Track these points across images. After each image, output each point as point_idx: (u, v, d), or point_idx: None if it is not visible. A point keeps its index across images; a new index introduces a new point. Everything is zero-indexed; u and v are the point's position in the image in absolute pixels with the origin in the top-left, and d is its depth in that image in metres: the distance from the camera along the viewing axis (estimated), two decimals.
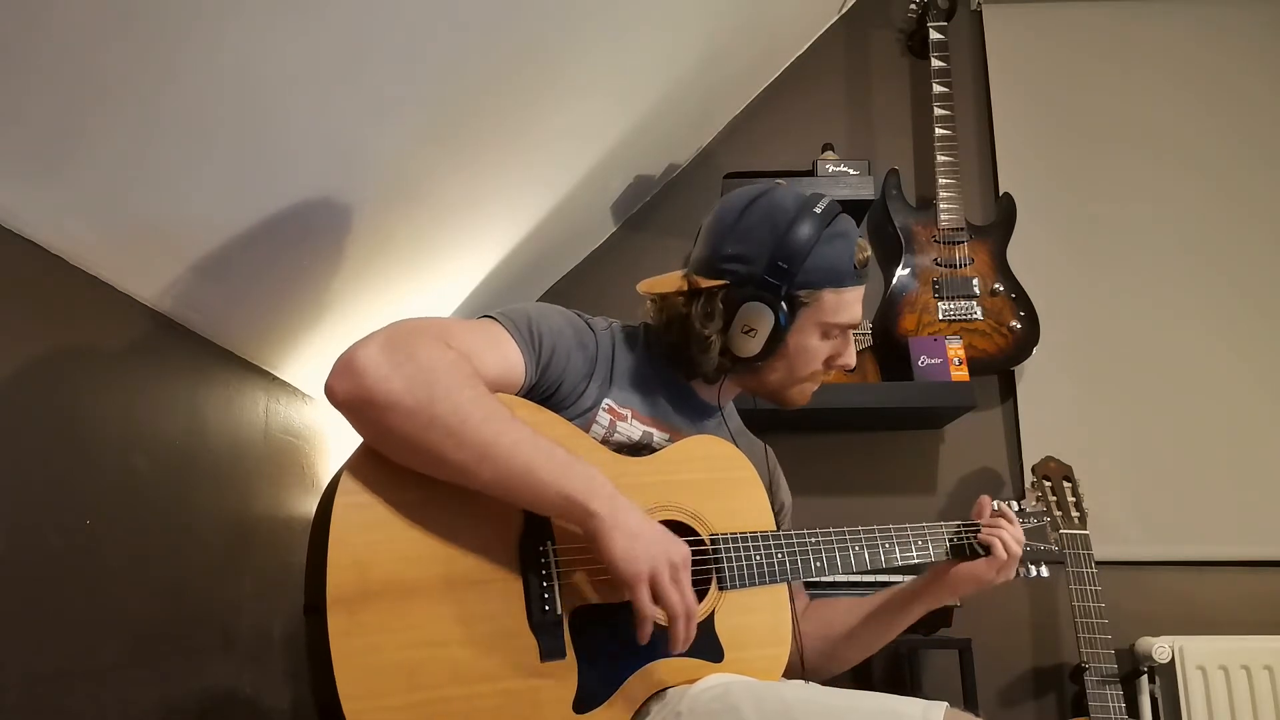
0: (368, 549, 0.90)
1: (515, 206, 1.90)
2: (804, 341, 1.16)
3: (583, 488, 0.93)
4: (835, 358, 1.20)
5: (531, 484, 0.93)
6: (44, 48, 0.90)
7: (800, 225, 1.11)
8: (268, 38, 1.06)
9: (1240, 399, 2.24)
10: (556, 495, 0.93)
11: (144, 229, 1.19)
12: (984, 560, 1.20)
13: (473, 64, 1.40)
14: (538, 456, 0.93)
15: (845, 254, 1.13)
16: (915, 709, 0.91)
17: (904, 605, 1.26)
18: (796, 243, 1.10)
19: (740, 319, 1.12)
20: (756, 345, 1.13)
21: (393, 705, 0.87)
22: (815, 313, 1.14)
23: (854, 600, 1.31)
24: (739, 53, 2.16)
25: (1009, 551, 1.19)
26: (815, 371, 1.20)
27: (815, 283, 1.12)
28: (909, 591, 1.26)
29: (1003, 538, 1.20)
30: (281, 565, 1.66)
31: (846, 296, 1.15)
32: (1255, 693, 1.95)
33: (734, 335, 1.13)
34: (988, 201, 2.39)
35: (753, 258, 1.12)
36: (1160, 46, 2.46)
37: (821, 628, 1.29)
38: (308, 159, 1.30)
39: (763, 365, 1.17)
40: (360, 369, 0.90)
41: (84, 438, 1.18)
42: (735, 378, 1.23)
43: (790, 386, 1.21)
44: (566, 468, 0.94)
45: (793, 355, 1.17)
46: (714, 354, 1.15)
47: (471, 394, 0.93)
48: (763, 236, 1.12)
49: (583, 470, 0.95)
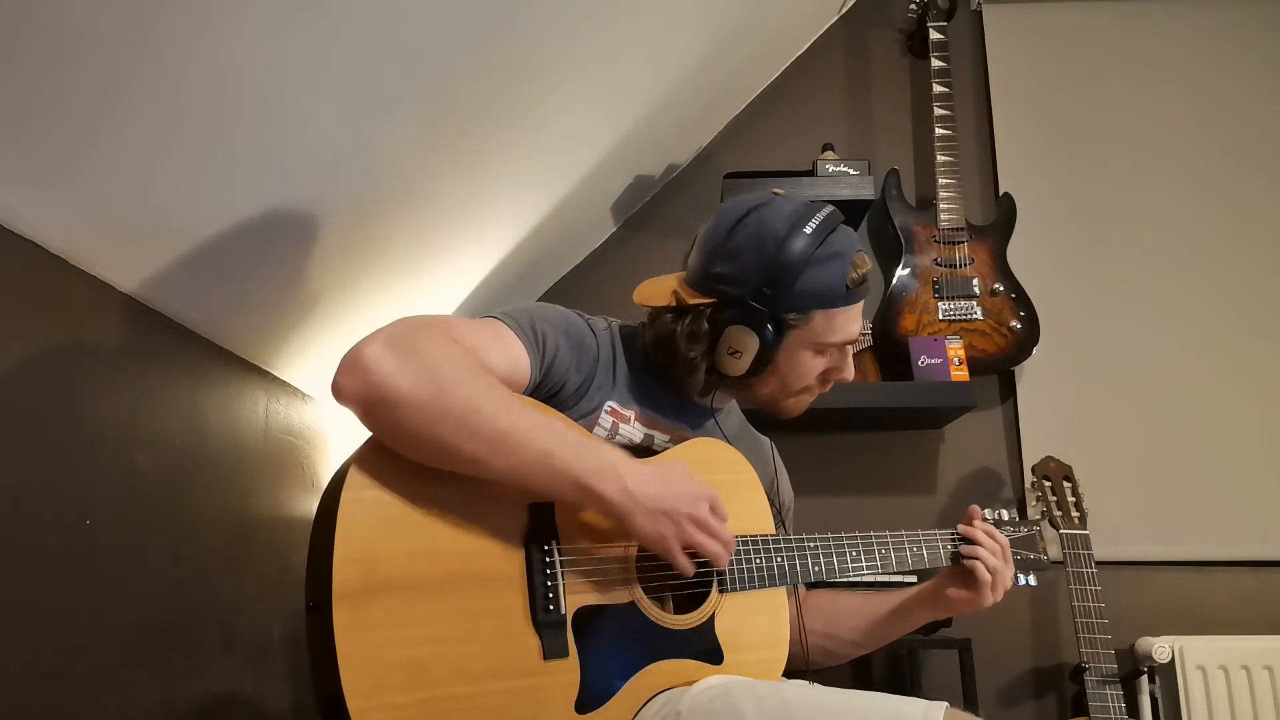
0: (374, 545, 0.90)
1: (515, 206, 1.90)
2: (795, 358, 1.15)
3: (594, 468, 0.94)
4: (832, 372, 1.19)
5: (545, 472, 0.94)
6: (46, 48, 0.90)
7: (789, 247, 1.08)
8: (269, 40, 1.06)
9: (1240, 399, 2.24)
10: (571, 483, 0.94)
11: (144, 229, 1.19)
12: (972, 589, 1.22)
13: (473, 66, 1.40)
14: (551, 443, 0.94)
15: (836, 275, 1.10)
16: (915, 709, 0.92)
17: (904, 616, 1.27)
18: (784, 266, 1.08)
19: (725, 341, 1.12)
20: (742, 367, 1.13)
21: (396, 703, 0.87)
22: (806, 334, 1.13)
23: (855, 602, 1.31)
24: (739, 53, 2.16)
25: (986, 573, 1.20)
26: (810, 385, 1.20)
27: (803, 306, 1.11)
28: (908, 604, 1.27)
29: (981, 556, 1.21)
30: (281, 565, 1.66)
31: (838, 318, 1.13)
32: (1255, 693, 1.95)
33: (720, 356, 1.13)
34: (988, 201, 2.39)
35: (740, 279, 1.10)
36: (1160, 47, 2.46)
37: (823, 624, 1.30)
38: (308, 160, 1.30)
39: (753, 380, 1.17)
40: (367, 366, 0.89)
41: (84, 437, 1.17)
42: (726, 390, 1.23)
43: (784, 399, 1.21)
44: (580, 452, 0.95)
45: (784, 371, 1.16)
46: (700, 375, 1.15)
47: (482, 385, 0.93)
48: (751, 258, 1.09)
49: (595, 450, 0.96)
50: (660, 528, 0.97)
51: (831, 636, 1.30)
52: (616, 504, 0.95)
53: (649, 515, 0.96)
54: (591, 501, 0.96)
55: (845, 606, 1.31)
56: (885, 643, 1.30)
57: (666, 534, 0.97)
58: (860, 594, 1.33)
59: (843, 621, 1.30)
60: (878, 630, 1.29)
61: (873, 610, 1.29)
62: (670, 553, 0.98)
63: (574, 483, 0.94)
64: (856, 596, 1.33)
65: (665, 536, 0.97)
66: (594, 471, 0.94)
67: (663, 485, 0.98)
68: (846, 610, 1.30)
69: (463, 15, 1.28)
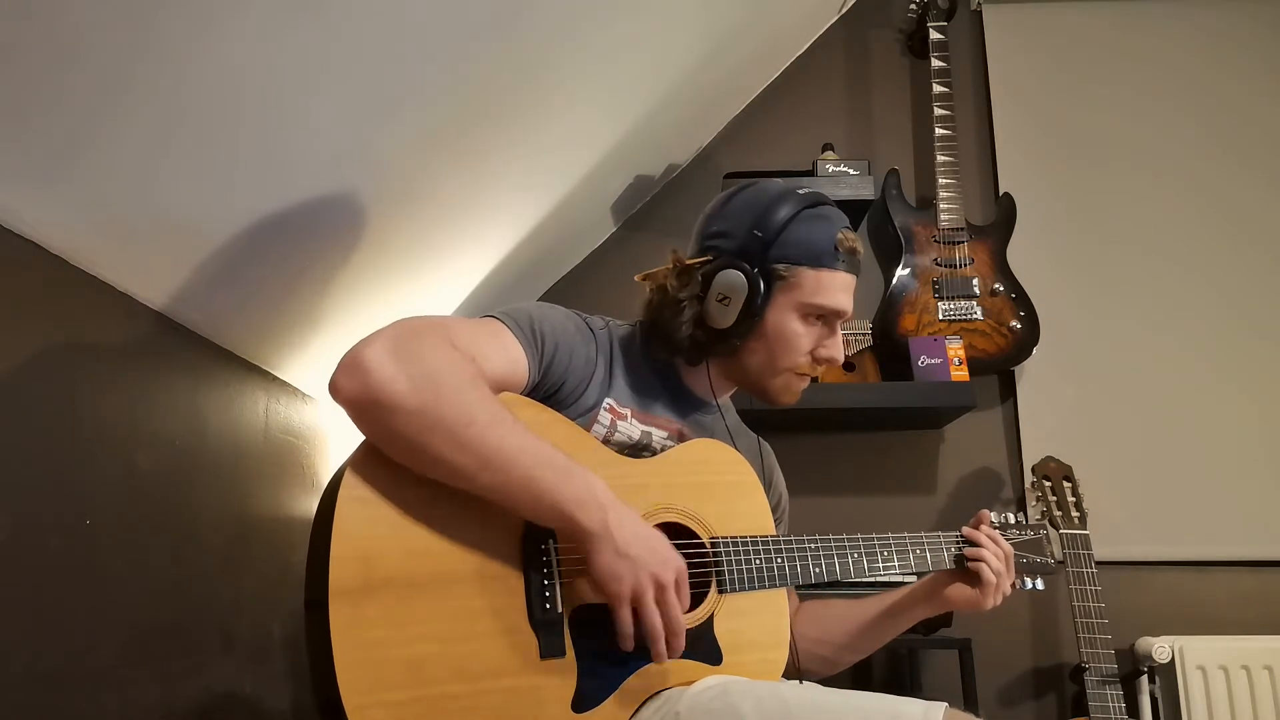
0: (371, 543, 0.90)
1: (515, 206, 1.90)
2: (782, 321, 1.15)
3: (577, 498, 0.93)
4: (819, 349, 1.18)
5: (529, 494, 0.93)
6: (46, 48, 0.90)
7: (781, 204, 1.14)
8: (269, 40, 1.06)
9: (1241, 399, 2.24)
10: (550, 508, 0.93)
11: (144, 229, 1.20)
12: (975, 588, 1.22)
13: (474, 66, 1.40)
14: (537, 466, 0.93)
15: (825, 234, 1.15)
16: (915, 709, 0.91)
17: (898, 614, 1.27)
18: (775, 217, 1.13)
19: (714, 289, 1.13)
20: (731, 315, 1.13)
21: (394, 701, 0.87)
22: (793, 291, 1.14)
23: (848, 605, 1.31)
24: (739, 53, 2.16)
25: (991, 575, 1.20)
26: (799, 362, 1.18)
27: (792, 258, 1.13)
28: (904, 602, 1.27)
29: (985, 559, 1.21)
30: (281, 565, 1.66)
31: (825, 278, 1.14)
32: (1255, 693, 1.95)
33: (709, 304, 1.14)
34: (988, 201, 2.39)
35: (732, 233, 1.15)
36: (1160, 47, 2.46)
37: (816, 631, 1.29)
38: (309, 159, 1.30)
39: (741, 345, 1.16)
40: (367, 368, 0.90)
41: (84, 437, 1.18)
42: (718, 362, 1.21)
43: (773, 376, 1.19)
44: (565, 478, 0.94)
45: (771, 337, 1.16)
46: (687, 320, 1.14)
47: (476, 396, 0.93)
48: (744, 215, 1.15)
49: (581, 479, 0.95)
50: (620, 570, 0.94)
51: (825, 642, 1.29)
52: (591, 534, 0.93)
53: (616, 554, 0.94)
54: (568, 528, 0.94)
55: (837, 611, 1.31)
56: (882, 643, 1.30)
57: (625, 579, 0.94)
58: (852, 599, 1.33)
59: (836, 626, 1.30)
60: (872, 630, 1.28)
61: (865, 611, 1.29)
62: (619, 600, 0.94)
63: (553, 508, 0.93)
64: (848, 601, 1.32)
65: (622, 581, 0.94)
66: (575, 500, 0.93)
67: (641, 535, 0.96)
68: (838, 615, 1.30)
69: (463, 15, 1.28)
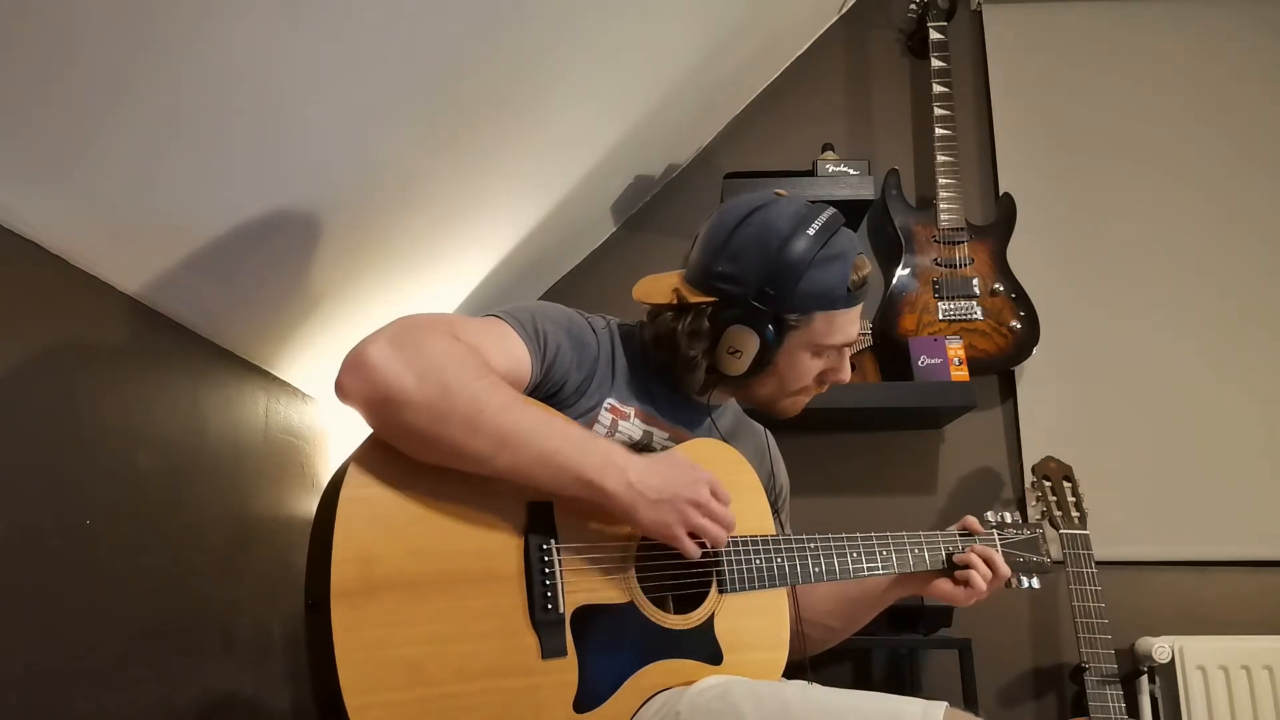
0: (373, 543, 0.90)
1: (515, 206, 1.90)
2: (794, 360, 1.16)
3: (597, 465, 0.96)
4: (830, 373, 1.20)
5: (548, 469, 0.95)
6: (46, 47, 0.90)
7: (792, 248, 1.08)
8: (268, 40, 1.06)
9: (1241, 399, 2.24)
10: (574, 480, 0.96)
11: (144, 229, 1.20)
12: (956, 586, 1.24)
13: (473, 65, 1.40)
14: (554, 440, 0.95)
15: (838, 277, 1.11)
16: (915, 709, 0.92)
17: (877, 591, 1.29)
18: (787, 267, 1.08)
19: (726, 340, 1.12)
20: (742, 366, 1.14)
21: (394, 701, 0.87)
22: (806, 335, 1.14)
23: (831, 586, 1.32)
24: (739, 53, 2.16)
25: (983, 584, 1.22)
26: (807, 386, 1.20)
27: (805, 307, 1.11)
28: (884, 580, 1.28)
29: (975, 564, 1.22)
30: (281, 565, 1.66)
31: (838, 320, 1.14)
32: (1255, 693, 1.95)
33: (720, 355, 1.14)
34: (988, 201, 2.39)
35: (742, 279, 1.10)
36: (1159, 47, 2.46)
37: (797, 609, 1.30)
38: (308, 159, 1.30)
39: (752, 381, 1.18)
40: (372, 365, 0.90)
41: (84, 437, 1.18)
42: (725, 388, 1.23)
43: (781, 400, 1.22)
44: (583, 448, 0.96)
45: (783, 372, 1.17)
46: (700, 373, 1.16)
47: (485, 383, 0.93)
48: (753, 258, 1.10)
49: (596, 447, 0.98)
50: (664, 516, 0.99)
51: (805, 621, 1.30)
52: (621, 498, 0.97)
53: (653, 506, 0.98)
54: (596, 497, 0.97)
55: (821, 591, 1.32)
56: (860, 624, 1.32)
57: (671, 521, 1.00)
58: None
59: (816, 605, 1.32)
60: (850, 608, 1.30)
61: (843, 589, 1.31)
62: (676, 539, 1.01)
63: (578, 479, 0.96)
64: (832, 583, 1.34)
65: (670, 524, 1.00)
66: (597, 467, 0.96)
67: (663, 474, 1.00)
68: (823, 595, 1.32)
69: (462, 15, 1.28)
